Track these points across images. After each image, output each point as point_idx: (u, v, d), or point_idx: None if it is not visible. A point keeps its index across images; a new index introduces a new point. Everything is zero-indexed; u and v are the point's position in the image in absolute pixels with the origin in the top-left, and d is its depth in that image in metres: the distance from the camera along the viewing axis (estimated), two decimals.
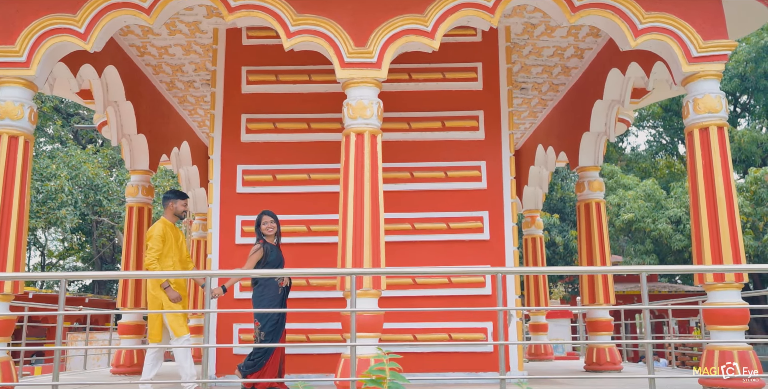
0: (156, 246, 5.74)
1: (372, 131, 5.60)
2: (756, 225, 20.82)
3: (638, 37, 5.76)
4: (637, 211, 22.21)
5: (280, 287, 5.90)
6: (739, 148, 23.74)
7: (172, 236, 5.91)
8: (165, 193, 6.11)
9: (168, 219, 5.99)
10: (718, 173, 5.54)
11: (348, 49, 5.67)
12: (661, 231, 21.99)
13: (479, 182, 7.00)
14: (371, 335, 5.24)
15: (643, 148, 30.76)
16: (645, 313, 4.28)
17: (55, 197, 22.02)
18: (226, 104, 7.15)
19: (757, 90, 24.81)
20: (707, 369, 5.32)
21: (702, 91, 5.71)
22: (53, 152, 24.69)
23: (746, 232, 20.79)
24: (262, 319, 5.77)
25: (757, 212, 20.49)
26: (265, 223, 5.97)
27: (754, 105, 26.96)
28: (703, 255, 5.50)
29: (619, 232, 23.27)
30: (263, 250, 5.88)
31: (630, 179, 24.00)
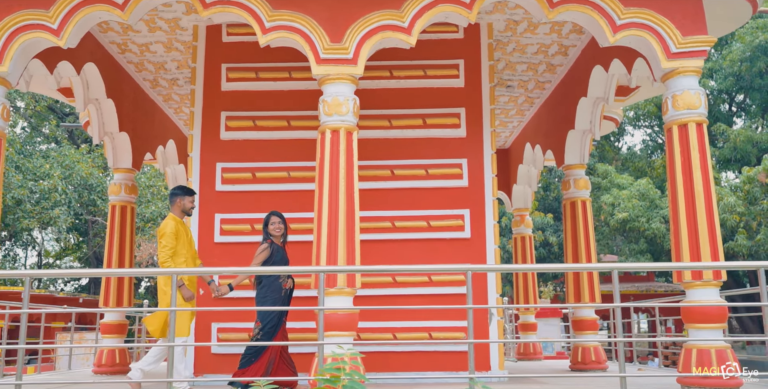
0: (170, 243, 5.72)
1: (348, 127, 5.55)
2: (749, 225, 20.76)
3: (617, 33, 5.71)
4: (631, 210, 22.13)
5: (283, 289, 5.90)
6: (734, 147, 23.68)
7: (184, 232, 5.91)
8: (172, 189, 6.07)
9: (176, 216, 5.95)
10: (697, 169, 5.49)
11: (323, 45, 5.62)
12: (654, 230, 21.92)
13: (460, 179, 6.95)
14: (345, 333, 5.18)
15: (639, 147, 30.70)
16: (616, 311, 4.22)
17: (48, 197, 21.97)
18: (205, 102, 7.10)
19: (753, 89, 24.75)
20: (685, 367, 5.28)
21: (681, 88, 5.66)
22: (47, 152, 24.63)
23: (740, 232, 20.74)
24: (264, 320, 5.79)
25: (751, 211, 20.43)
26: (273, 223, 5.99)
27: (750, 104, 26.93)
28: (682, 253, 5.45)
29: (613, 231, 23.21)
30: (270, 250, 5.89)
31: (624, 179, 23.93)
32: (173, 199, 6.00)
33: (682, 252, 5.44)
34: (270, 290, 5.84)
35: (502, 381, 6.56)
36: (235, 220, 6.83)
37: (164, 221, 5.87)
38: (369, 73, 7.13)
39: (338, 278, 5.23)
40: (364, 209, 6.80)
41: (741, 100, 27.12)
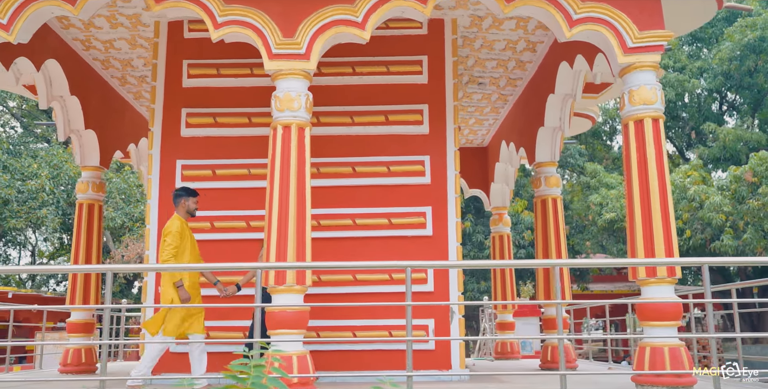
0: (174, 243, 5.71)
1: (300, 123, 5.49)
2: (736, 224, 20.69)
3: (573, 28, 5.65)
4: (619, 210, 22.07)
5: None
6: (723, 146, 23.62)
7: (188, 233, 5.92)
8: (176, 190, 6.06)
9: (181, 216, 5.95)
10: (652, 165, 5.43)
11: (276, 41, 5.55)
12: None
13: (423, 176, 6.89)
14: (294, 331, 5.12)
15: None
16: (558, 309, 4.16)
17: (36, 197, 21.88)
18: (166, 99, 7.04)
19: (742, 88, 24.72)
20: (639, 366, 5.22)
21: (638, 83, 5.60)
22: (35, 151, 24.55)
23: (726, 231, 20.67)
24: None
25: (738, 210, 20.36)
26: None
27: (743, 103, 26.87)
28: (636, 250, 5.39)
29: (601, 231, 23.15)
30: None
31: (613, 178, 23.86)
32: (178, 200, 6.01)
33: (637, 249, 5.38)
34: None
35: (463, 380, 6.50)
36: (196, 218, 6.74)
37: (170, 221, 5.90)
38: (331, 70, 7.10)
39: (287, 276, 5.16)
40: (325, 207, 6.76)
41: (732, 99, 27.07)
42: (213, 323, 6.40)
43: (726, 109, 27.38)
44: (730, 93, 26.47)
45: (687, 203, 21.47)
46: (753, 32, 22.24)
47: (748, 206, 20.22)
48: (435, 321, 6.62)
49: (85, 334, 8.18)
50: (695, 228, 21.77)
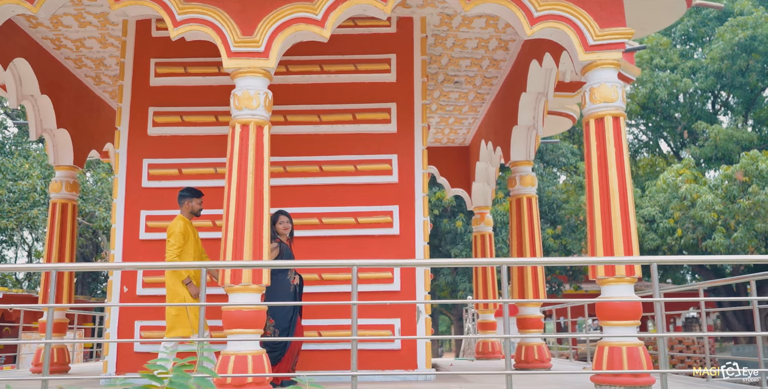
0: (178, 243, 5.75)
1: (258, 122, 5.46)
2: (728, 223, 20.65)
3: (534, 26, 5.61)
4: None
5: (291, 285, 5.96)
6: (715, 145, 23.57)
7: (192, 232, 5.93)
8: (181, 191, 6.08)
9: (185, 216, 5.97)
10: (612, 164, 5.39)
11: (234, 39, 5.53)
12: None
13: (390, 175, 6.86)
14: (251, 331, 5.10)
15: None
16: (504, 308, 4.13)
17: (27, 197, 21.86)
18: (133, 97, 7.01)
19: (734, 87, 24.67)
20: (598, 365, 5.19)
21: (598, 81, 5.56)
22: (28, 151, 24.55)
23: (718, 230, 20.63)
24: (275, 316, 5.87)
25: (730, 209, 20.32)
26: (282, 222, 6.06)
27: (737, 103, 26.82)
28: (596, 248, 5.36)
29: None
30: (279, 249, 5.96)
31: None
32: (182, 201, 6.03)
33: (596, 248, 5.35)
34: (279, 287, 5.91)
35: (429, 380, 6.48)
36: (161, 217, 6.73)
37: (173, 221, 5.92)
38: (299, 68, 7.08)
39: (243, 275, 5.14)
40: (291, 206, 6.73)
41: (725, 98, 27.02)
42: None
43: (719, 108, 27.33)
44: (723, 92, 26.42)
45: (679, 201, 21.44)
46: (744, 31, 22.19)
47: (740, 205, 20.19)
48: (401, 320, 6.60)
49: (56, 334, 8.16)
50: (687, 227, 21.74)
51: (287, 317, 5.89)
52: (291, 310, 5.91)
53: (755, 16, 22.48)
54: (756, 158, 20.14)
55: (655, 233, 22.03)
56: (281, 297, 5.88)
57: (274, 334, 5.81)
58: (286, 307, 5.89)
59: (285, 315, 5.89)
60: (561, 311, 21.99)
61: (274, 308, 5.85)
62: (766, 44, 22.43)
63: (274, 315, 5.89)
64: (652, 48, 24.73)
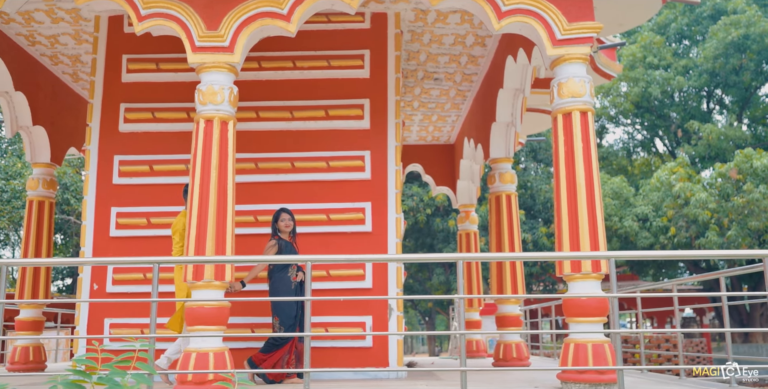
0: (182, 241, 5.77)
1: (222, 117, 5.41)
2: (721, 221, 20.58)
3: (502, 20, 5.56)
4: (603, 209, 21.97)
5: (293, 282, 6.01)
6: (708, 144, 23.52)
7: None
8: (185, 187, 6.06)
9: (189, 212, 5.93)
10: (579, 160, 5.33)
11: (199, 33, 5.48)
12: (627, 229, 21.78)
13: (362, 172, 6.80)
14: (213, 328, 5.05)
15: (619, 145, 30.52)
16: (459, 303, 4.08)
17: (19, 196, 21.86)
18: (105, 94, 6.97)
19: (728, 86, 24.62)
20: (564, 362, 5.14)
21: (566, 75, 5.50)
22: (21, 151, 24.54)
23: (711, 228, 20.57)
24: (281, 314, 5.92)
25: (723, 208, 20.25)
26: (283, 220, 6.15)
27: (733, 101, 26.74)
28: (562, 244, 5.30)
29: None
30: (278, 246, 6.03)
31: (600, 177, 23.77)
32: (187, 196, 5.94)
33: (563, 244, 5.30)
34: (280, 284, 5.97)
35: (400, 377, 6.43)
36: (132, 213, 6.70)
37: (176, 218, 5.93)
38: (271, 64, 7.03)
39: (206, 271, 5.09)
40: (262, 202, 6.71)
41: (719, 97, 26.96)
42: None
43: (713, 107, 27.27)
44: (717, 91, 26.36)
45: (672, 200, 21.39)
46: (737, 30, 22.17)
47: (733, 203, 20.14)
48: (373, 318, 6.54)
49: (33, 332, 8.11)
50: (680, 226, 21.69)
51: (291, 313, 5.93)
52: (294, 307, 5.96)
53: (748, 14, 22.44)
54: (750, 156, 20.08)
55: (648, 231, 21.98)
56: (283, 294, 5.92)
57: (279, 331, 5.86)
58: (290, 304, 5.91)
59: (289, 311, 5.93)
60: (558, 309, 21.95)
61: (278, 306, 5.94)
62: (759, 43, 22.38)
63: (278, 313, 5.95)
64: (646, 46, 24.69)
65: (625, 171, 29.31)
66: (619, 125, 30.00)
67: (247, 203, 6.68)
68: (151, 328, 4.15)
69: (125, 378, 3.09)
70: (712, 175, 21.22)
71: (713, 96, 26.87)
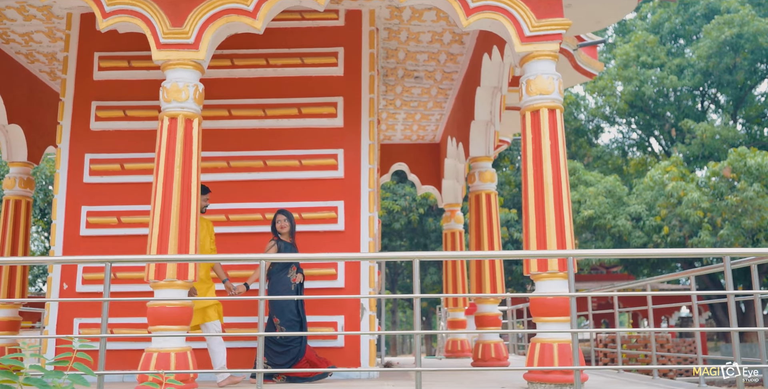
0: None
1: (187, 115, 5.36)
2: (714, 221, 20.50)
3: (470, 16, 5.50)
4: (597, 208, 21.91)
5: (293, 283, 6.01)
6: (702, 143, 23.44)
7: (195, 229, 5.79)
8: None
9: None
10: (547, 157, 5.27)
11: (164, 30, 5.42)
12: (620, 228, 21.71)
13: (335, 170, 6.75)
14: (174, 327, 4.99)
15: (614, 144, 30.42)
16: (416, 302, 4.02)
17: None
18: (77, 92, 6.92)
19: (721, 85, 24.53)
20: (530, 362, 5.08)
21: (535, 72, 5.44)
22: None
23: (704, 227, 20.49)
24: (282, 315, 5.92)
25: (716, 207, 20.17)
26: (278, 221, 6.18)
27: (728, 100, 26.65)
28: (529, 243, 5.24)
29: (579, 229, 22.98)
30: (276, 247, 6.04)
31: (593, 176, 23.70)
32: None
33: (530, 242, 5.24)
34: (279, 285, 5.96)
35: (372, 377, 6.38)
36: (102, 212, 6.65)
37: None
38: (244, 62, 6.98)
39: (168, 270, 5.04)
40: (234, 201, 6.66)
41: (713, 96, 26.87)
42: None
43: (708, 106, 27.18)
44: (711, 90, 26.27)
45: (665, 199, 21.31)
46: (731, 29, 22.08)
47: (726, 202, 20.06)
48: (345, 317, 6.49)
49: (10, 332, 8.06)
50: (673, 225, 21.61)
51: (292, 313, 5.93)
52: (294, 307, 5.95)
53: (742, 14, 22.35)
54: (744, 155, 20.00)
55: (641, 230, 21.90)
56: (281, 294, 5.90)
57: (283, 331, 5.85)
58: (290, 305, 5.90)
59: (290, 311, 5.92)
60: None
61: (278, 306, 5.93)
62: (752, 42, 22.31)
63: (279, 314, 5.94)
64: (640, 46, 24.62)
65: (621, 170, 29.23)
66: (613, 125, 29.93)
67: (219, 202, 6.63)
68: (102, 328, 4.09)
69: (61, 378, 3.04)
70: (706, 174, 21.15)
71: (707, 95, 26.78)
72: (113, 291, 6.54)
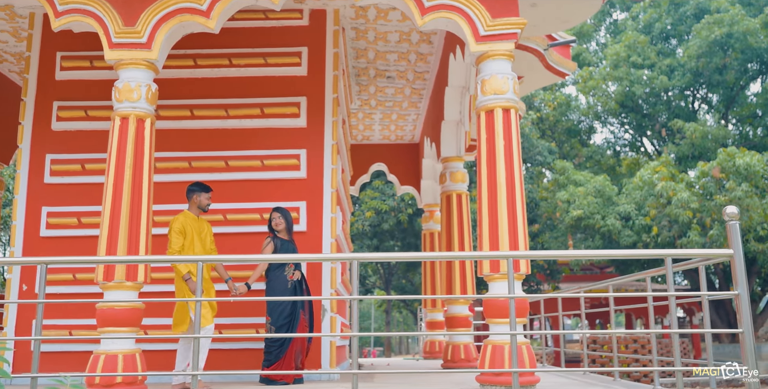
0: (180, 241, 5.67)
1: (139, 115, 5.32)
2: (703, 221, 20.45)
3: (425, 15, 5.46)
4: (586, 207, 21.86)
5: (290, 281, 5.97)
6: (692, 143, 23.37)
7: (194, 228, 5.81)
8: (189, 186, 5.98)
9: (192, 212, 5.89)
10: (500, 157, 5.22)
11: (116, 29, 5.38)
12: (610, 227, 21.65)
13: (298, 171, 6.71)
14: (123, 329, 4.95)
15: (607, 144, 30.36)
16: (354, 304, 3.98)
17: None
18: (38, 91, 6.87)
19: (711, 85, 24.48)
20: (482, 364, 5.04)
21: (490, 72, 5.40)
22: None
23: (693, 227, 20.44)
24: (272, 314, 5.90)
25: (706, 207, 20.12)
26: (273, 219, 6.15)
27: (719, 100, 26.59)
28: (483, 244, 5.20)
29: (568, 228, 22.93)
30: (273, 244, 6.02)
31: (583, 176, 23.63)
32: (190, 195, 5.93)
33: (483, 243, 5.20)
34: (276, 283, 5.94)
35: (332, 379, 6.33)
36: (62, 213, 6.60)
37: (174, 217, 5.82)
38: (207, 62, 6.94)
39: (116, 271, 5.00)
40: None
41: (704, 96, 26.81)
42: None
43: (699, 106, 27.12)
44: (702, 90, 26.21)
45: (655, 199, 21.26)
46: (720, 29, 22.02)
47: (715, 202, 20.01)
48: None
49: None
50: (663, 225, 21.56)
51: (284, 313, 5.88)
52: (289, 307, 5.90)
53: (732, 13, 22.30)
54: (733, 155, 19.95)
55: (630, 229, 21.85)
56: (278, 293, 5.89)
57: (270, 332, 5.83)
58: (283, 303, 5.86)
59: (282, 311, 5.88)
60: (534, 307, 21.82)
61: (270, 305, 5.91)
62: (742, 42, 22.26)
63: (270, 313, 5.92)
64: (630, 46, 24.57)
65: (614, 171, 29.17)
66: (606, 125, 29.88)
67: (181, 202, 6.56)
68: (35, 330, 4.04)
69: None
70: (696, 174, 21.09)
71: (698, 95, 26.72)
72: (74, 292, 6.53)
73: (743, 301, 3.92)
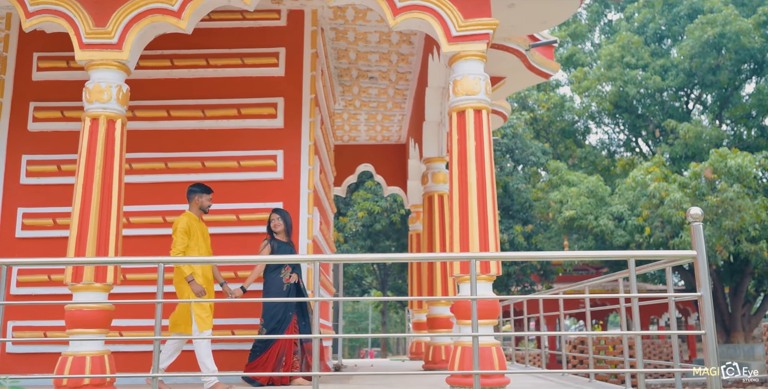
0: (184, 242, 5.66)
1: (109, 115, 5.30)
2: None
3: (397, 16, 5.44)
4: (579, 208, 21.85)
5: (285, 284, 5.97)
6: (685, 144, 23.37)
7: (198, 229, 5.81)
8: (190, 186, 5.98)
9: (193, 213, 5.88)
10: (471, 158, 5.21)
11: (86, 30, 5.37)
12: (602, 227, 21.64)
13: (274, 172, 6.69)
14: (91, 331, 4.94)
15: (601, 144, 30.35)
16: (315, 306, 3.96)
17: None
18: (15, 92, 6.86)
19: (705, 85, 24.48)
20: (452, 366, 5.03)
21: (462, 73, 5.38)
22: None
23: (686, 228, 20.42)
24: (265, 316, 5.92)
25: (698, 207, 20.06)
26: (272, 220, 6.15)
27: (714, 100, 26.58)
28: (453, 244, 5.19)
29: (561, 229, 22.92)
30: (270, 246, 6.03)
31: (576, 176, 23.62)
32: (191, 196, 5.92)
33: (453, 244, 5.18)
34: (271, 285, 5.95)
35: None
36: (38, 214, 6.59)
37: (178, 218, 5.81)
38: (184, 62, 6.93)
39: (85, 273, 4.98)
40: (172, 203, 6.60)
41: (698, 96, 26.80)
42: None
43: (693, 106, 27.11)
44: (696, 91, 26.21)
45: (647, 200, 21.25)
46: (713, 29, 22.01)
47: (707, 202, 20.01)
48: None
49: None
50: (655, 225, 21.55)
51: (276, 317, 5.88)
52: (281, 310, 5.90)
53: (725, 13, 22.29)
54: (725, 156, 19.95)
55: (623, 230, 21.84)
56: (272, 295, 5.89)
57: (262, 333, 5.84)
58: (277, 306, 5.88)
59: (274, 314, 5.89)
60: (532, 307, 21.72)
61: (264, 307, 5.93)
62: (735, 42, 22.25)
63: (264, 315, 5.93)
64: (624, 46, 24.55)
65: (608, 171, 29.17)
66: (600, 125, 29.87)
67: (157, 203, 6.59)
68: (6, 332, 4.03)
69: None
70: (689, 174, 21.08)
71: (692, 96, 26.71)
72: (50, 294, 6.50)
73: (706, 303, 3.90)
